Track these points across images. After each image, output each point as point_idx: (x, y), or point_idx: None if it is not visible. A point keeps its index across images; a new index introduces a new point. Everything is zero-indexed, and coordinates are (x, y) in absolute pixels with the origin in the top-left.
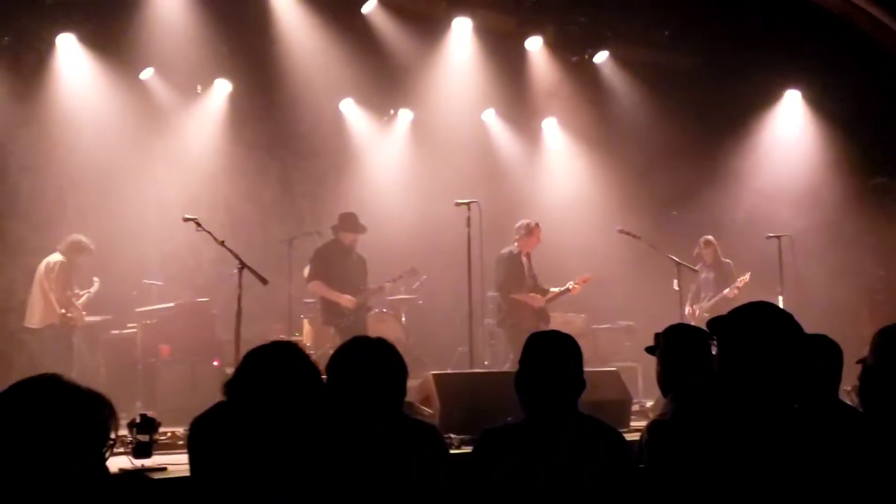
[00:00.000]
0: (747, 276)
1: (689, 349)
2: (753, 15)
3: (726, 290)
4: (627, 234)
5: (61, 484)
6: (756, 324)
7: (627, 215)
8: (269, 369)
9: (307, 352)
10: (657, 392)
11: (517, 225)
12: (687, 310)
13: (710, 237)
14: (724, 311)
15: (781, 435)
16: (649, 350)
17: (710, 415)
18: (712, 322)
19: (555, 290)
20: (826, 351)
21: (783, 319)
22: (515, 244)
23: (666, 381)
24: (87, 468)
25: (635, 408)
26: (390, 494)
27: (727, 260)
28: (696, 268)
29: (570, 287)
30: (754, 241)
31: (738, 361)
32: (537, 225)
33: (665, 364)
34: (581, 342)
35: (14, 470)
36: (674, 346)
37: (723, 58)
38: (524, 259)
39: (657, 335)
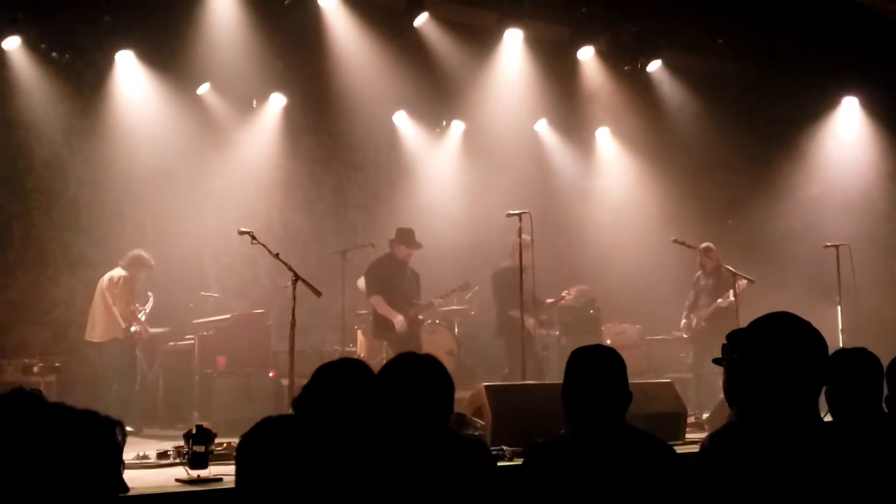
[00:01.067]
0: (744, 282)
1: None
2: (809, 20)
3: (720, 300)
4: (682, 243)
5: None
6: (776, 335)
7: (682, 225)
8: (339, 385)
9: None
10: (713, 404)
11: (512, 241)
12: (683, 321)
13: (710, 244)
14: (721, 320)
15: (822, 448)
16: (716, 361)
17: (752, 428)
18: (731, 335)
19: (550, 300)
20: (864, 364)
21: (804, 330)
22: (510, 260)
23: (731, 392)
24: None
25: (691, 420)
26: None
27: (728, 267)
28: (697, 274)
29: (564, 295)
30: (811, 251)
31: (759, 374)
32: (523, 238)
33: (730, 375)
34: (635, 353)
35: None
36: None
37: (778, 64)
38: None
39: (724, 346)
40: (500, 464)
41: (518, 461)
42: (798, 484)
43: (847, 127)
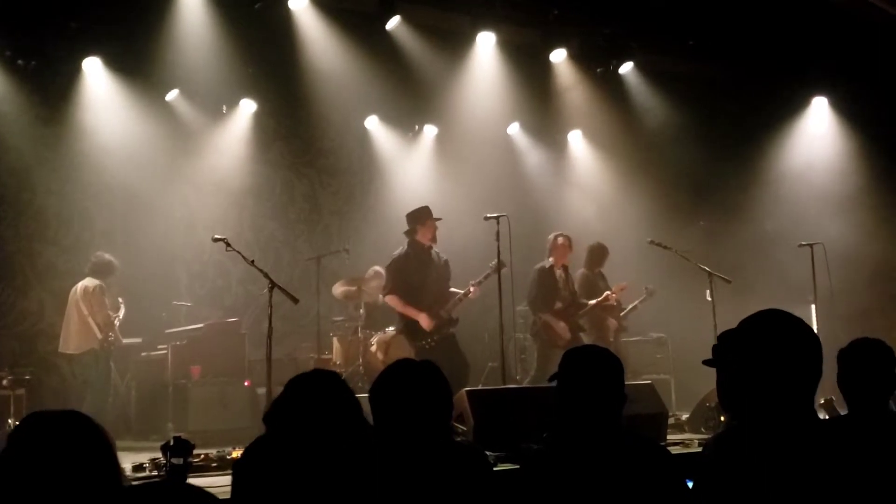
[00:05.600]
0: (624, 284)
1: None
2: (778, 22)
3: (635, 302)
4: (658, 244)
5: None
6: (770, 333)
7: (655, 225)
8: (313, 400)
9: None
10: (692, 405)
11: (548, 238)
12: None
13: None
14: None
15: (831, 447)
16: (707, 363)
17: (756, 430)
18: (722, 336)
19: (591, 302)
20: (879, 355)
21: (798, 327)
22: (550, 258)
23: (726, 396)
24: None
25: (670, 421)
26: None
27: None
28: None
29: (608, 296)
30: (784, 250)
31: (755, 374)
32: (565, 237)
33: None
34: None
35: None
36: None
37: (748, 66)
38: (559, 272)
39: (715, 346)
40: None
41: (502, 466)
42: (809, 485)
43: (817, 127)
